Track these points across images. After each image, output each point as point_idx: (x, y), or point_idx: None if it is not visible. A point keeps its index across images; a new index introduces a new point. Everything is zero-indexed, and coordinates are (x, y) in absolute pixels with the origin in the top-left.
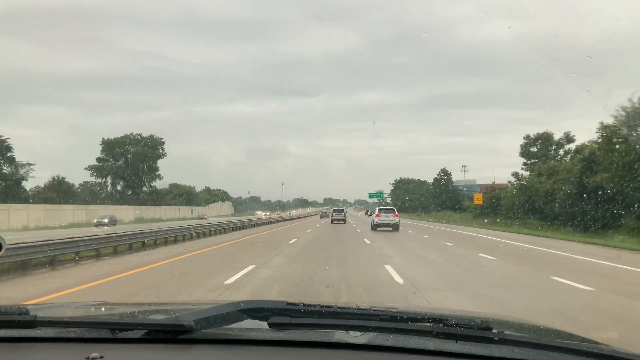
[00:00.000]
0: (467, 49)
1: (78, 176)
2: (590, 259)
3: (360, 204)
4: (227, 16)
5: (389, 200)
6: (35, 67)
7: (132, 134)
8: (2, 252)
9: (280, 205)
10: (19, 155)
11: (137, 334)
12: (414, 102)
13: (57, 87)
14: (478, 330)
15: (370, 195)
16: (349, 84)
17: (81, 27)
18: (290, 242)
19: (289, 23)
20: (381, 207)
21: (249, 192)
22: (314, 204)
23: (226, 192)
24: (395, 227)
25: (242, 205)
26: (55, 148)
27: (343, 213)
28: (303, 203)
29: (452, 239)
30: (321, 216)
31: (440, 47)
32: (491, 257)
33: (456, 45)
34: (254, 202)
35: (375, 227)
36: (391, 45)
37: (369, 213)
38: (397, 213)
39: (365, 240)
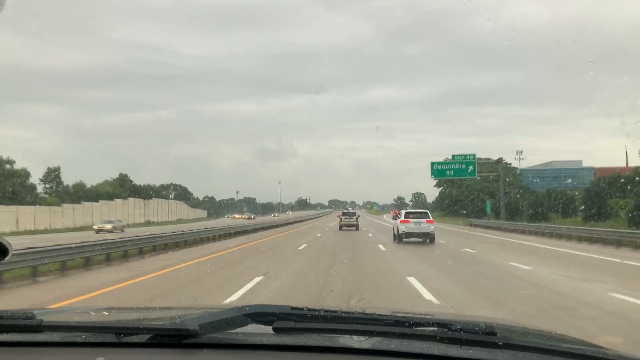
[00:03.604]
0: (486, 37)
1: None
2: None
3: (376, 206)
4: (226, 3)
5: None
6: (20, 61)
7: None
8: (9, 256)
9: (265, 207)
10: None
11: (142, 338)
12: (426, 98)
13: (44, 84)
14: (482, 335)
15: (437, 172)
16: (357, 78)
17: (72, 16)
18: None
19: (293, 10)
20: (409, 211)
21: (238, 192)
22: (317, 206)
23: (185, 188)
24: (430, 238)
25: (230, 208)
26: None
27: (354, 217)
28: (302, 204)
29: None
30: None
31: (456, 36)
32: None
33: (474, 33)
34: (248, 204)
35: (400, 237)
36: (403, 34)
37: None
38: (431, 218)
39: None
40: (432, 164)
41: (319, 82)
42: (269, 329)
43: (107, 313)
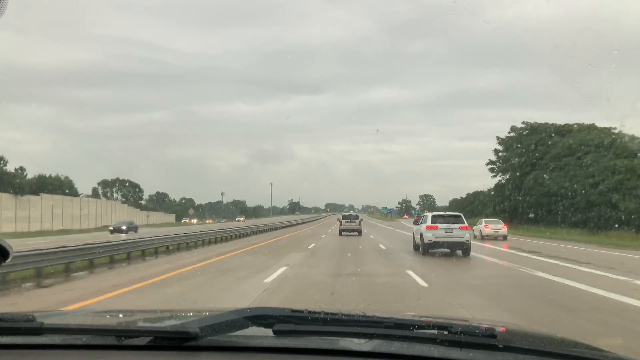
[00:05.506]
0: (488, 37)
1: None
2: None
3: (381, 209)
4: None
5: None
6: (8, 59)
7: None
8: (9, 259)
9: (244, 209)
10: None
11: (142, 341)
12: (428, 100)
13: (32, 83)
14: (483, 338)
15: None
16: (357, 78)
17: (61, 11)
18: None
19: (292, 5)
20: (437, 213)
21: (222, 194)
22: (312, 209)
23: (137, 186)
24: (464, 250)
25: (217, 211)
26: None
27: (356, 221)
28: (295, 208)
29: None
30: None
31: (459, 35)
32: None
33: (477, 32)
34: (236, 207)
35: (427, 248)
36: (405, 31)
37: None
38: (465, 223)
39: None
40: None
41: (317, 81)
42: (269, 332)
43: (107, 316)
